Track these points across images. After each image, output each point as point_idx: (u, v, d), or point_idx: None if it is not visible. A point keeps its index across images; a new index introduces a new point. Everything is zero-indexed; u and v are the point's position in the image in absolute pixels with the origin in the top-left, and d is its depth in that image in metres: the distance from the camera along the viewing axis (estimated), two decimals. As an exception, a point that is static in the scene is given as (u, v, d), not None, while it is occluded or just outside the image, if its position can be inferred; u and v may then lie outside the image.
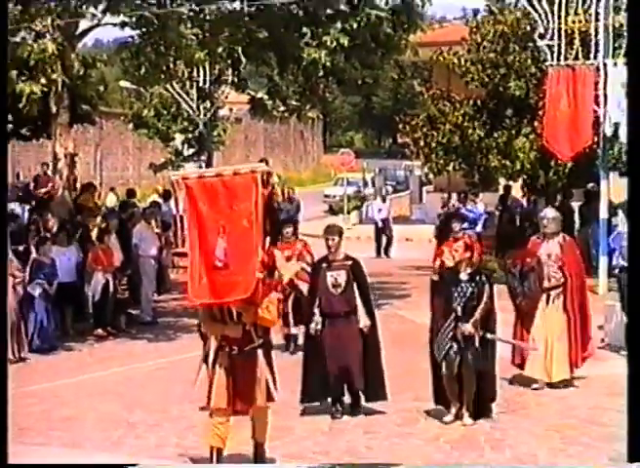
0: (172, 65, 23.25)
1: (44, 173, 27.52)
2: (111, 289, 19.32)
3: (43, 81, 20.40)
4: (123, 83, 36.56)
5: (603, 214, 23.15)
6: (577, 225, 26.44)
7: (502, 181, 28.80)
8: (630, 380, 7.91)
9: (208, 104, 30.65)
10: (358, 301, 12.73)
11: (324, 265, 12.89)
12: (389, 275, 24.52)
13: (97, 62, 24.06)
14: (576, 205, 27.15)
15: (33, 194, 26.74)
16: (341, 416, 12.67)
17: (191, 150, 35.48)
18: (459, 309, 12.22)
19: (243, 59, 23.39)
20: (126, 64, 22.88)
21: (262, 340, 10.16)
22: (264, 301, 9.99)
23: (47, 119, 22.50)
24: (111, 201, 31.79)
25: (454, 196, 28.87)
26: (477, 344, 12.21)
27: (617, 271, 17.81)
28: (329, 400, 12.86)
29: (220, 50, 22.23)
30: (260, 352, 10.12)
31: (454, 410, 12.36)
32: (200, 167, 34.40)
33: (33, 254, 18.29)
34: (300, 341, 15.18)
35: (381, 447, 11.73)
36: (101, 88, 30.28)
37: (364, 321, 12.73)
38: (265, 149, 67.25)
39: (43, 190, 25.98)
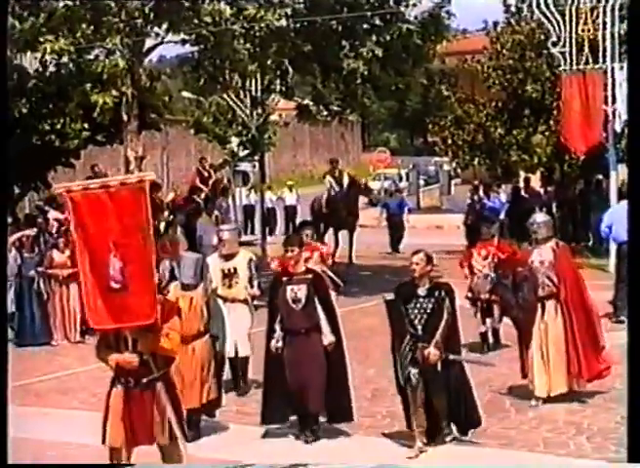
0: (227, 77, 23.29)
1: (94, 173, 27.64)
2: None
3: (114, 93, 20.52)
4: (185, 93, 36.49)
5: (613, 200, 23.02)
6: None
7: (522, 174, 28.70)
8: (631, 381, 7.73)
9: (260, 111, 30.64)
10: (322, 317, 10.76)
11: (284, 279, 10.92)
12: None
13: (161, 76, 24.22)
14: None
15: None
16: (313, 441, 10.65)
17: (246, 151, 35.47)
18: (419, 328, 10.06)
19: (290, 70, 23.34)
20: (187, 77, 23.00)
21: (163, 372, 8.19)
22: (165, 327, 8.05)
23: (119, 126, 22.58)
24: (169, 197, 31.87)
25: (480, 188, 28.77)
26: (439, 367, 10.07)
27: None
28: (290, 421, 10.95)
29: (269, 62, 22.21)
30: (159, 385, 8.10)
31: (419, 443, 10.13)
32: (254, 166, 34.50)
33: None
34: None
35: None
36: (166, 98, 30.32)
37: (328, 338, 10.74)
38: (311, 150, 67.26)
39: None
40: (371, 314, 18.51)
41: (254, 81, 28.55)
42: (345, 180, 25.57)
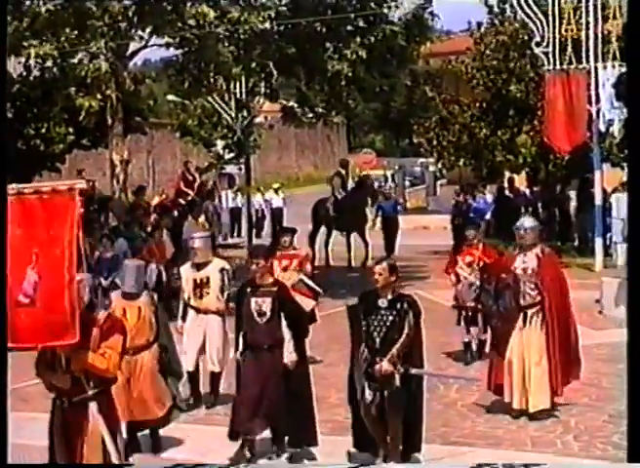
0: (212, 80, 23.29)
1: (82, 178, 27.61)
2: (164, 278, 19.30)
3: (99, 96, 20.51)
4: (170, 97, 36.54)
5: (598, 200, 23.07)
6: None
7: (507, 174, 28.75)
8: (630, 381, 7.70)
9: (245, 113, 30.65)
10: (286, 333, 10.04)
11: (248, 290, 10.22)
12: (410, 259, 24.48)
13: (146, 79, 24.17)
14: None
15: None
16: (248, 463, 9.87)
17: (231, 154, 35.54)
18: (377, 341, 9.43)
19: (274, 73, 23.35)
20: (172, 80, 22.98)
21: (97, 391, 7.59)
22: (102, 346, 7.50)
23: (104, 130, 22.59)
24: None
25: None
26: (398, 383, 9.38)
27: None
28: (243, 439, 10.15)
29: (253, 65, 22.22)
30: (92, 405, 7.53)
31: (382, 453, 9.62)
32: (240, 169, 34.49)
33: (95, 251, 18.35)
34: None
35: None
36: (151, 101, 30.39)
37: (289, 356, 9.99)
38: (297, 152, 67.23)
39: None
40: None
41: (238, 84, 28.57)
42: (351, 182, 25.30)
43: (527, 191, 28.37)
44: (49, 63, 20.60)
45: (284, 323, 10.08)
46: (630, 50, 8.59)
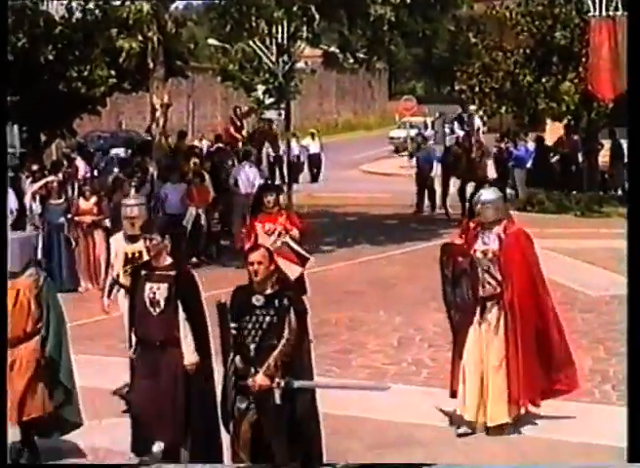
0: (253, 24, 23.18)
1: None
2: (203, 222, 19.37)
3: (140, 38, 20.49)
4: (211, 40, 36.33)
5: (641, 149, 22.86)
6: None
7: (549, 122, 28.50)
8: (630, 383, 7.65)
9: (286, 58, 30.35)
10: (184, 329, 8.36)
11: (143, 273, 8.52)
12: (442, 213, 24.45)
13: (187, 22, 24.09)
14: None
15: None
16: None
17: (271, 99, 35.32)
18: (252, 348, 7.58)
19: (316, 17, 23.19)
20: (213, 24, 22.93)
21: None
22: None
23: (145, 74, 22.55)
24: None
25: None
26: (278, 399, 7.50)
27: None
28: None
29: (295, 9, 22.10)
30: None
31: None
32: (280, 114, 34.36)
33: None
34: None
35: (445, 357, 11.73)
36: (192, 45, 30.28)
37: (188, 357, 8.33)
38: (337, 98, 66.94)
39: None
40: (397, 262, 18.60)
41: (280, 28, 28.34)
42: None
43: (574, 138, 28.14)
44: (91, 5, 20.59)
45: (182, 316, 8.41)
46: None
